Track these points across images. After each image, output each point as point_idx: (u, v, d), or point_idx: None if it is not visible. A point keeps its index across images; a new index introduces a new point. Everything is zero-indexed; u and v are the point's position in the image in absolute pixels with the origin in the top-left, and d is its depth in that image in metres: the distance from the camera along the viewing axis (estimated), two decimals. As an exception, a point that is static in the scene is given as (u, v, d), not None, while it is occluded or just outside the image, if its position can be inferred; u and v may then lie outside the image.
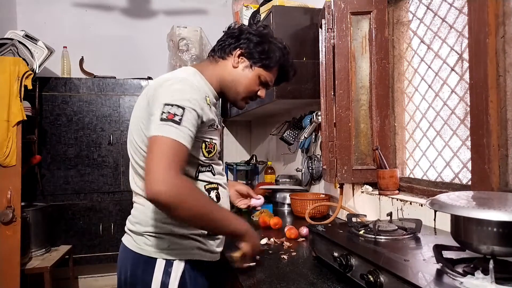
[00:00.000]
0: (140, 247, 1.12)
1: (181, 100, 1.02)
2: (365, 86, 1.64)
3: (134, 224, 1.16)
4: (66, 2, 3.47)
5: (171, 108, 1.00)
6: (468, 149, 1.28)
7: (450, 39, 1.39)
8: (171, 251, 1.10)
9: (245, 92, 1.24)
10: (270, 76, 1.26)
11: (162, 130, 0.97)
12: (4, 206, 2.33)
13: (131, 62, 3.54)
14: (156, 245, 1.11)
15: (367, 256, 0.91)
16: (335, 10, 1.62)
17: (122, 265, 1.16)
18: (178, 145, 0.98)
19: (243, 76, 1.22)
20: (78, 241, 3.05)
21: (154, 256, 1.10)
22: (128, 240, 1.17)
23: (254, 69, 1.22)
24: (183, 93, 1.04)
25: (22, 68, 2.46)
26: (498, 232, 0.72)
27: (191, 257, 1.12)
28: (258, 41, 1.22)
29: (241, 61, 1.22)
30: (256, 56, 1.21)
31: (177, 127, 0.98)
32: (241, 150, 3.85)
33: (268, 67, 1.23)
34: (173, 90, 1.04)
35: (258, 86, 1.25)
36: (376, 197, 1.60)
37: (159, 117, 0.99)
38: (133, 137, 1.16)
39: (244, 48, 1.22)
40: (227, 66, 1.23)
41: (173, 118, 0.99)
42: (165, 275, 1.09)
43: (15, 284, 2.31)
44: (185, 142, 0.99)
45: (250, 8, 2.73)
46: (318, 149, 2.15)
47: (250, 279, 1.09)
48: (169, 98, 1.02)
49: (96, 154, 3.13)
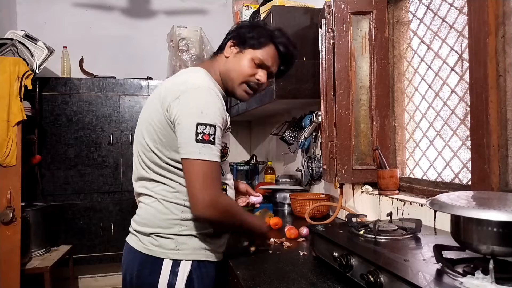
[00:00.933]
0: (146, 247, 1.13)
1: (211, 117, 1.06)
2: (365, 86, 1.64)
3: (140, 225, 1.17)
4: (66, 2, 3.47)
5: (205, 128, 1.04)
6: (468, 149, 1.28)
7: (450, 39, 1.39)
8: (178, 252, 1.11)
9: (240, 77, 1.21)
10: (263, 55, 1.21)
11: (200, 153, 1.04)
12: (4, 206, 2.33)
13: (131, 62, 3.54)
14: (163, 246, 1.12)
15: (367, 256, 0.91)
16: (335, 10, 1.62)
17: (128, 266, 1.16)
18: (215, 164, 1.07)
19: (235, 62, 1.22)
20: (78, 241, 3.05)
21: (161, 257, 1.11)
22: (134, 240, 1.17)
23: (244, 52, 1.22)
24: (210, 106, 1.07)
25: (22, 68, 2.46)
26: (498, 232, 0.72)
27: (198, 257, 1.13)
28: (248, 28, 1.24)
29: (233, 50, 1.24)
30: (244, 40, 1.22)
31: (212, 148, 1.06)
32: (241, 150, 3.85)
33: (258, 45, 1.21)
34: (200, 103, 1.06)
35: (254, 68, 1.21)
36: (376, 197, 1.60)
37: (194, 138, 1.04)
38: (145, 140, 1.16)
39: (234, 38, 1.24)
40: (222, 58, 1.25)
41: (209, 139, 1.05)
42: (172, 276, 1.10)
43: (15, 284, 2.31)
44: (218, 159, 1.08)
45: (250, 8, 2.73)
46: (318, 149, 2.15)
47: (250, 279, 1.09)
48: (199, 115, 1.05)
49: (96, 154, 3.13)
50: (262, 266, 1.21)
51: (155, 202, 1.15)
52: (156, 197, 1.15)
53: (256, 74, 1.22)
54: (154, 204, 1.15)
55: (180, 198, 1.13)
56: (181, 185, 1.13)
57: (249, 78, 1.22)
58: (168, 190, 1.14)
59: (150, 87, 3.25)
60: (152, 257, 1.11)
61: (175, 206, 1.13)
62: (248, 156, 3.70)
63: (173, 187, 1.14)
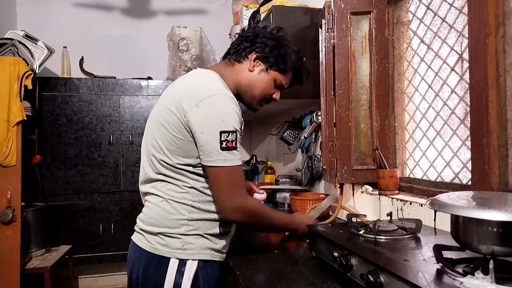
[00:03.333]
0: (153, 246, 1.13)
1: (232, 123, 1.09)
2: (365, 86, 1.64)
3: (147, 224, 1.17)
4: (66, 2, 3.47)
5: (228, 135, 1.08)
6: (468, 149, 1.28)
7: (450, 39, 1.39)
8: (184, 251, 1.12)
9: (261, 96, 1.27)
10: (285, 80, 1.29)
11: (226, 160, 1.08)
12: (4, 206, 2.33)
13: (131, 62, 3.54)
14: (169, 245, 1.12)
15: (367, 256, 0.91)
16: (335, 10, 1.62)
17: (134, 264, 1.17)
18: (240, 169, 1.12)
19: (259, 80, 1.24)
20: (78, 241, 3.05)
21: (168, 256, 1.12)
22: (140, 239, 1.18)
23: (270, 73, 1.24)
24: (231, 113, 1.09)
25: (22, 68, 2.46)
26: (498, 232, 0.72)
27: (204, 257, 1.15)
28: (274, 45, 1.24)
29: (257, 64, 1.24)
30: (272, 60, 1.23)
31: (235, 153, 1.10)
32: (241, 150, 3.84)
33: (284, 70, 1.26)
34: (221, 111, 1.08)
35: (273, 89, 1.28)
36: (376, 197, 1.60)
37: (219, 146, 1.07)
38: (156, 141, 1.16)
39: (259, 52, 1.23)
40: (243, 70, 1.24)
41: (232, 145, 1.09)
42: (178, 275, 1.11)
43: (15, 284, 2.31)
44: (241, 162, 1.14)
45: (250, 8, 2.73)
46: (318, 149, 2.15)
47: (250, 279, 1.09)
48: (221, 124, 1.08)
49: (96, 154, 3.13)
50: (262, 266, 1.21)
51: (163, 202, 1.16)
52: (163, 197, 1.16)
53: (274, 93, 1.30)
54: (161, 203, 1.16)
55: (188, 198, 1.14)
56: (189, 186, 1.14)
57: (268, 97, 1.29)
58: (176, 190, 1.14)
59: (150, 87, 3.25)
60: (158, 256, 1.12)
61: (183, 206, 1.14)
62: (248, 156, 3.70)
63: (182, 187, 1.14)
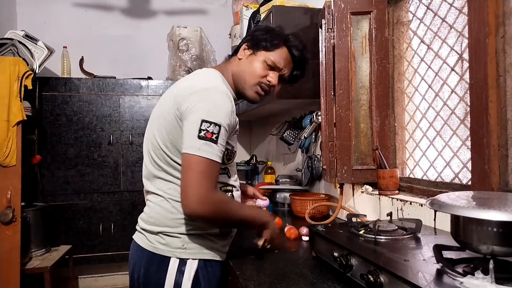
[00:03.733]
0: (154, 246, 1.14)
1: (217, 116, 1.06)
2: (365, 86, 1.64)
3: (148, 224, 1.17)
4: (66, 2, 3.47)
5: (209, 126, 1.04)
6: (468, 149, 1.28)
7: (450, 39, 1.39)
8: (184, 251, 1.12)
9: (252, 78, 1.22)
10: (276, 57, 1.23)
11: (200, 149, 1.03)
12: (4, 206, 2.33)
13: (131, 62, 3.54)
14: (170, 244, 1.12)
15: (367, 256, 0.91)
16: (335, 10, 1.62)
17: (135, 264, 1.18)
18: (213, 164, 1.05)
19: (248, 63, 1.24)
20: (78, 241, 3.05)
21: (168, 255, 1.12)
22: (141, 238, 1.18)
23: (257, 54, 1.23)
24: (219, 107, 1.07)
25: (22, 68, 2.46)
26: (498, 232, 0.72)
27: (204, 257, 1.14)
28: (262, 31, 1.26)
29: (246, 52, 1.25)
30: (257, 41, 1.23)
31: (214, 146, 1.04)
32: (241, 150, 3.85)
33: (269, 47, 1.22)
34: (210, 103, 1.06)
35: (266, 70, 1.23)
36: (376, 197, 1.60)
37: (197, 134, 1.04)
38: (155, 138, 1.17)
39: (248, 41, 1.26)
40: (236, 60, 1.27)
41: (211, 137, 1.04)
42: (178, 274, 1.11)
43: (15, 284, 2.31)
44: (219, 159, 1.07)
45: (250, 8, 2.73)
46: (318, 149, 2.15)
47: (250, 279, 1.09)
48: (206, 113, 1.05)
49: (96, 154, 3.13)
50: (262, 266, 1.21)
51: (163, 201, 1.16)
52: (164, 196, 1.16)
53: (267, 75, 1.23)
54: (162, 203, 1.16)
55: None
56: None
57: (261, 80, 1.23)
58: (176, 189, 1.14)
59: (150, 87, 3.25)
60: (159, 255, 1.12)
61: None
62: (248, 156, 3.70)
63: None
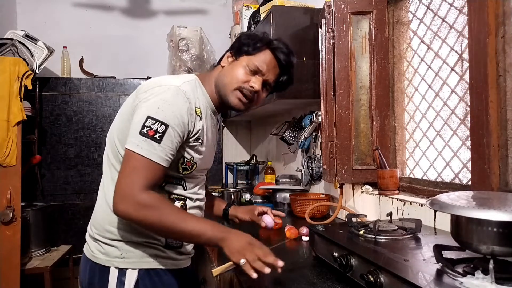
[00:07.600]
0: (94, 255, 1.10)
1: (166, 116, 0.98)
2: (365, 86, 1.64)
3: (90, 226, 1.15)
4: (66, 2, 3.47)
5: (154, 123, 0.97)
6: (468, 149, 1.28)
7: (450, 39, 1.39)
8: (123, 260, 1.07)
9: (232, 83, 1.14)
10: (258, 61, 1.14)
11: (138, 146, 0.96)
12: (4, 206, 2.33)
13: (131, 62, 3.54)
14: (108, 254, 1.08)
15: (367, 256, 0.91)
16: (335, 10, 1.62)
17: (82, 273, 1.14)
18: (152, 164, 0.96)
19: (229, 69, 1.18)
20: (78, 241, 3.01)
21: (107, 265, 1.07)
22: (85, 246, 1.16)
23: (239, 59, 1.17)
24: (171, 106, 1.00)
25: (22, 68, 2.46)
26: (498, 232, 0.72)
27: (146, 266, 1.08)
28: (245, 36, 1.20)
29: (229, 59, 1.21)
30: (240, 48, 1.18)
31: (155, 146, 0.96)
32: (241, 150, 3.85)
33: (253, 51, 1.15)
34: (161, 101, 1.00)
35: (248, 75, 1.14)
36: (376, 197, 1.60)
37: (139, 130, 0.97)
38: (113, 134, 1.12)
39: (232, 48, 1.22)
40: (219, 68, 1.22)
41: (153, 135, 0.96)
42: (119, 284, 1.06)
43: (15, 284, 2.31)
44: (161, 162, 0.98)
45: (250, 8, 2.73)
46: (318, 149, 2.15)
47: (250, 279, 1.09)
48: (154, 110, 0.99)
49: (96, 154, 3.13)
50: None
51: (103, 202, 1.10)
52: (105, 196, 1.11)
53: (250, 81, 1.14)
54: (102, 204, 1.11)
55: None
56: None
57: (242, 85, 1.14)
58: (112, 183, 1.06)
59: (150, 87, 3.25)
60: (100, 265, 1.08)
61: None
62: (248, 156, 3.70)
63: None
